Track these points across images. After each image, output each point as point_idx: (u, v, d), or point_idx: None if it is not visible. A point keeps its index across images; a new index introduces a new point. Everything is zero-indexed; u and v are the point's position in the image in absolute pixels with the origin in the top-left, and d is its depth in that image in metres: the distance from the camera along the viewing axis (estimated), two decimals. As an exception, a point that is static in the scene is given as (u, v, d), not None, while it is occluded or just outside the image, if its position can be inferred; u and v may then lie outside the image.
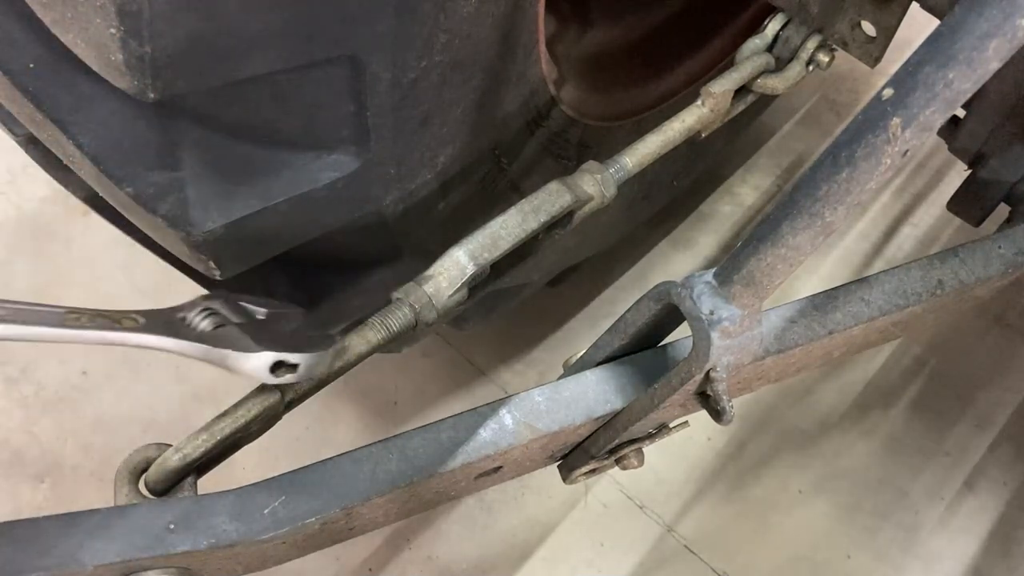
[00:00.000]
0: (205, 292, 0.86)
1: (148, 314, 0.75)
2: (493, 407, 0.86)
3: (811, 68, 1.18)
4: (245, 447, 0.85)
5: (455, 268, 0.89)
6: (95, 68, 0.74)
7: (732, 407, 0.82)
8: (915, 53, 0.62)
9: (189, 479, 0.81)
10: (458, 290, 0.89)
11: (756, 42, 1.17)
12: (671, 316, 0.84)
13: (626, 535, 1.58)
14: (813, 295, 0.91)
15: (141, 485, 0.81)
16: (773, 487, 1.64)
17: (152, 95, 0.74)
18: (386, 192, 0.99)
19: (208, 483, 0.83)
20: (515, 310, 1.47)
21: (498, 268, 0.94)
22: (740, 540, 1.59)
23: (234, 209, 0.88)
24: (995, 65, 0.59)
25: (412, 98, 0.91)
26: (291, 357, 0.75)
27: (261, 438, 0.85)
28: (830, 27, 1.13)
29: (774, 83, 1.15)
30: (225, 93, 0.80)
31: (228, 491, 0.79)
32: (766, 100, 1.43)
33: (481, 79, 1.00)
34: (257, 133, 0.86)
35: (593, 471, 0.99)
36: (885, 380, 1.75)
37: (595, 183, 1.00)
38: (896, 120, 0.62)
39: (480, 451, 0.84)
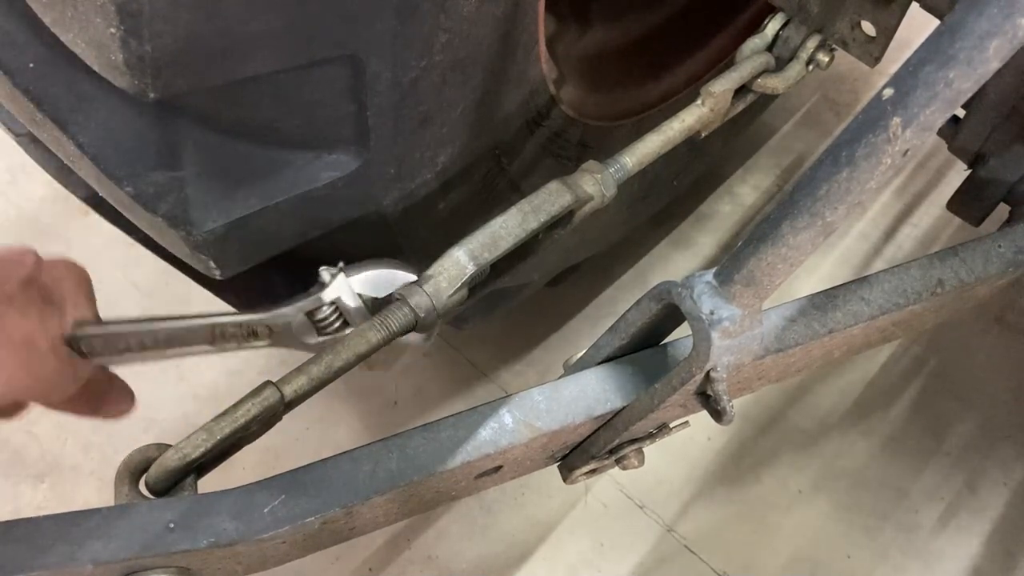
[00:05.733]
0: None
1: (274, 321, 0.83)
2: (493, 406, 0.86)
3: (811, 68, 1.18)
4: (245, 447, 0.85)
5: (455, 268, 0.89)
6: (95, 68, 0.74)
7: (732, 407, 0.82)
8: (915, 53, 0.62)
9: (189, 479, 0.80)
10: (458, 290, 0.89)
11: (756, 42, 1.17)
12: (671, 316, 0.84)
13: (626, 535, 1.58)
14: (813, 295, 0.91)
15: (141, 485, 0.81)
16: (773, 487, 1.64)
17: (152, 95, 0.74)
18: (386, 192, 0.99)
19: (208, 483, 0.83)
20: (515, 310, 1.47)
21: (498, 268, 0.94)
22: (740, 540, 1.59)
23: (234, 209, 0.88)
24: (995, 65, 0.59)
25: (412, 98, 0.91)
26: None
27: (261, 438, 0.85)
28: (830, 27, 1.13)
29: (774, 83, 1.15)
30: (225, 93, 0.80)
31: (228, 490, 0.79)
32: (766, 100, 1.44)
33: (481, 79, 1.00)
34: (257, 133, 0.86)
35: (593, 471, 0.99)
36: (885, 380, 1.75)
37: (595, 183, 1.00)
38: (896, 120, 0.62)
39: (480, 450, 0.84)
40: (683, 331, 0.84)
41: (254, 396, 0.81)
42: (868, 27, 1.09)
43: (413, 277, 0.89)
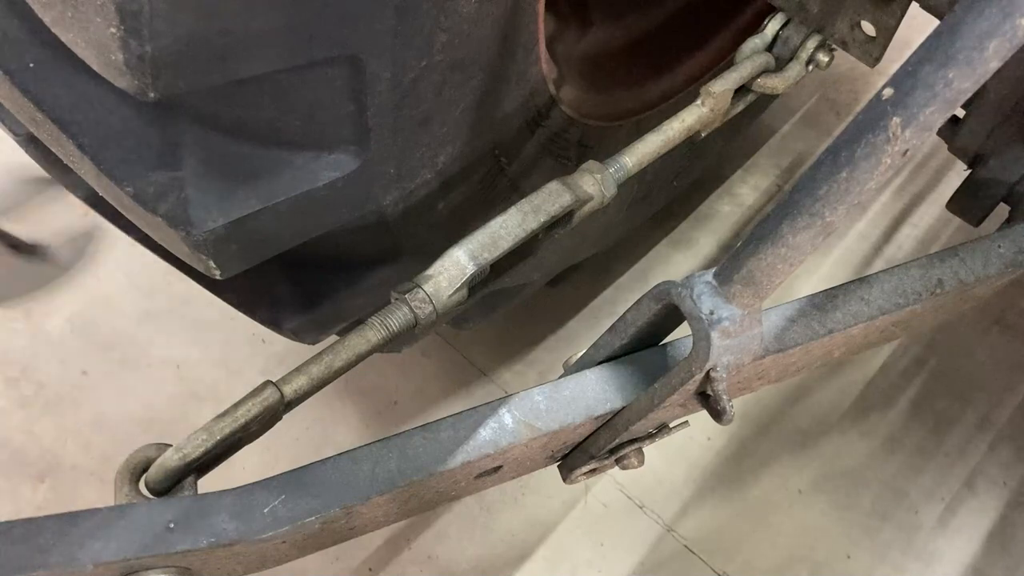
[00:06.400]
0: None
1: None
2: (493, 406, 0.86)
3: (811, 68, 1.18)
4: (245, 447, 0.85)
5: (455, 268, 0.89)
6: (95, 68, 0.74)
7: (732, 407, 0.82)
8: (915, 53, 0.62)
9: (189, 479, 0.81)
10: (458, 290, 0.89)
11: (756, 42, 1.17)
12: (671, 316, 0.84)
13: (626, 535, 1.58)
14: (813, 295, 0.91)
15: (141, 485, 0.81)
16: (773, 487, 1.64)
17: (152, 95, 0.74)
18: (386, 192, 0.99)
19: (208, 483, 0.83)
20: (515, 310, 1.47)
21: (498, 268, 0.94)
22: (740, 540, 1.59)
23: (234, 209, 0.88)
24: (995, 65, 0.59)
25: (412, 98, 0.91)
26: None
27: (261, 438, 0.85)
28: (830, 27, 1.13)
29: (774, 83, 1.15)
30: (225, 93, 0.80)
31: (228, 490, 0.79)
32: (766, 100, 1.44)
33: (481, 79, 1.00)
34: (257, 133, 0.86)
35: (593, 471, 0.99)
36: (885, 380, 1.75)
37: (595, 183, 1.00)
38: (896, 120, 0.62)
39: (480, 450, 0.84)
40: (683, 331, 0.84)
41: (254, 396, 0.81)
42: (868, 27, 1.09)
43: None
